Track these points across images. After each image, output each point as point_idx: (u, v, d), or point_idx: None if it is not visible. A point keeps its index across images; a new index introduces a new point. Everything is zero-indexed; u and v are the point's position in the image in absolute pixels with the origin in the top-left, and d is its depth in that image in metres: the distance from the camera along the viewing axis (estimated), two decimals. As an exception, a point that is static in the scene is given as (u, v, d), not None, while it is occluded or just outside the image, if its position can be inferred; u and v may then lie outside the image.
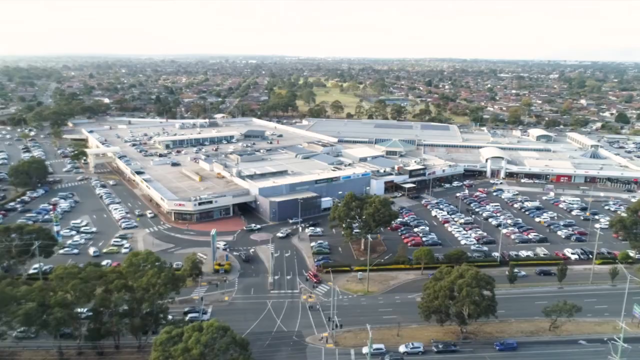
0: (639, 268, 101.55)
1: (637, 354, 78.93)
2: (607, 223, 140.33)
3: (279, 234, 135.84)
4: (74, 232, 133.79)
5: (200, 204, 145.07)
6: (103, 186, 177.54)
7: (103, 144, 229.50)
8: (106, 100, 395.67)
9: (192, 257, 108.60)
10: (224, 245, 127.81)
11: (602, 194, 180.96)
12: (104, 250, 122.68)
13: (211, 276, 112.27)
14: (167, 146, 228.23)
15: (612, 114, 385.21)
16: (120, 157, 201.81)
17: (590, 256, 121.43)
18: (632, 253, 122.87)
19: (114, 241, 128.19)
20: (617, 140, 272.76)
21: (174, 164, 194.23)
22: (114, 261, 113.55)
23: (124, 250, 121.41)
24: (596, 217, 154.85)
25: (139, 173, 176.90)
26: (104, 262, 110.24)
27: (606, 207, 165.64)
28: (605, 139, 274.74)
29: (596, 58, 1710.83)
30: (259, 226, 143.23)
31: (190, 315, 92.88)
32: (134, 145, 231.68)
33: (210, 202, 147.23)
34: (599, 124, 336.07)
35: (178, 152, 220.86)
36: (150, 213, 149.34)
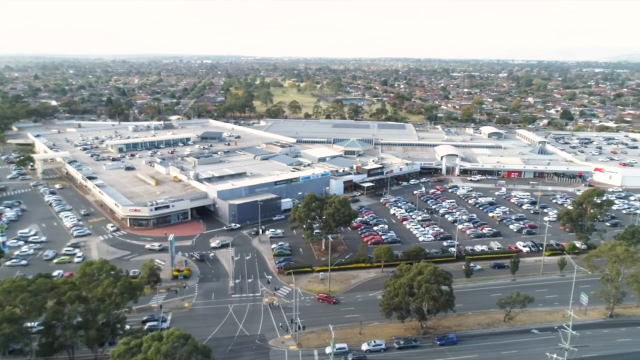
0: (585, 258, 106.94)
1: (584, 340, 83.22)
2: (555, 216, 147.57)
3: (213, 244, 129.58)
4: (21, 242, 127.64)
5: (156, 208, 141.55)
6: (52, 193, 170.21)
7: (51, 148, 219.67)
8: (53, 103, 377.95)
9: (149, 264, 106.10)
10: (159, 246, 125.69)
11: (550, 188, 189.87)
12: (55, 261, 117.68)
13: (170, 283, 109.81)
14: (120, 150, 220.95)
15: (557, 111, 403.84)
16: (70, 162, 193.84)
17: (540, 248, 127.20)
18: (578, 244, 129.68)
19: (66, 250, 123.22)
20: (563, 136, 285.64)
21: (128, 168, 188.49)
22: (66, 271, 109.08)
23: (76, 260, 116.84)
24: (545, 210, 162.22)
25: (90, 178, 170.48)
26: (55, 273, 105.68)
27: (554, 201, 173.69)
28: (552, 135, 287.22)
29: (541, 57, 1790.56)
30: (238, 225, 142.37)
31: (149, 324, 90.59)
32: (84, 149, 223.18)
33: (167, 206, 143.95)
34: (545, 121, 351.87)
35: (132, 155, 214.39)
36: (112, 226, 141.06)
